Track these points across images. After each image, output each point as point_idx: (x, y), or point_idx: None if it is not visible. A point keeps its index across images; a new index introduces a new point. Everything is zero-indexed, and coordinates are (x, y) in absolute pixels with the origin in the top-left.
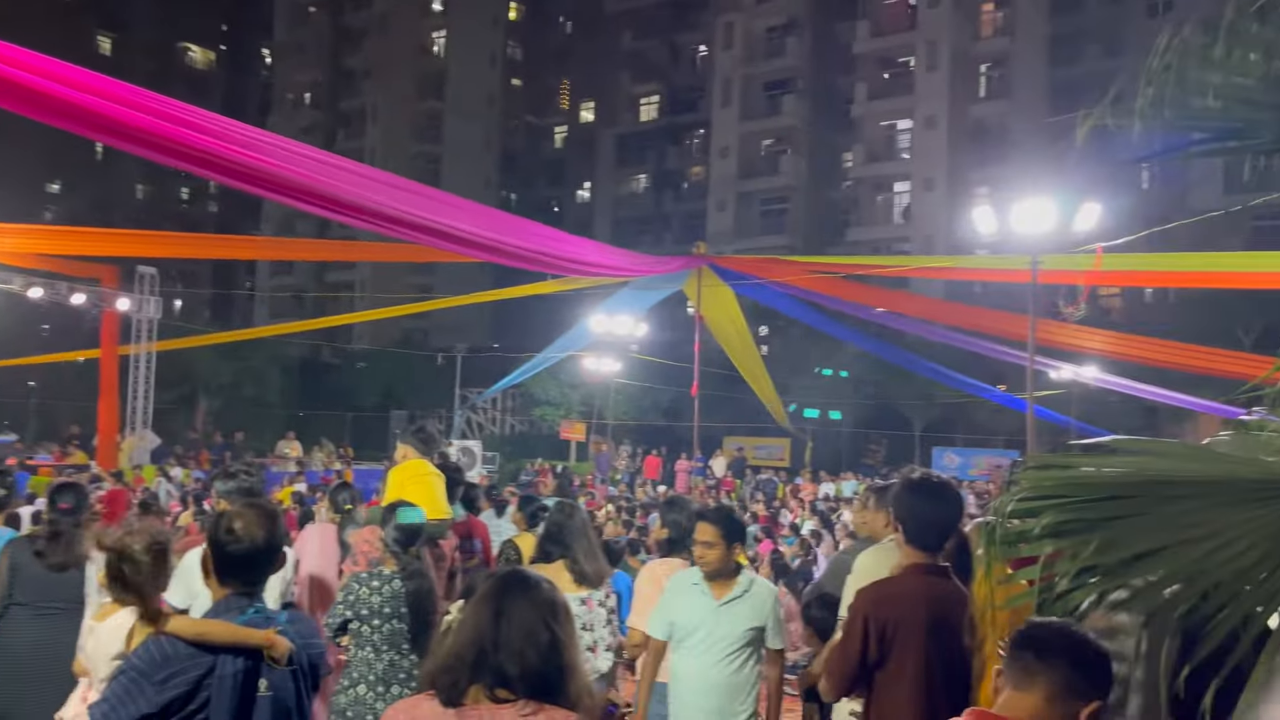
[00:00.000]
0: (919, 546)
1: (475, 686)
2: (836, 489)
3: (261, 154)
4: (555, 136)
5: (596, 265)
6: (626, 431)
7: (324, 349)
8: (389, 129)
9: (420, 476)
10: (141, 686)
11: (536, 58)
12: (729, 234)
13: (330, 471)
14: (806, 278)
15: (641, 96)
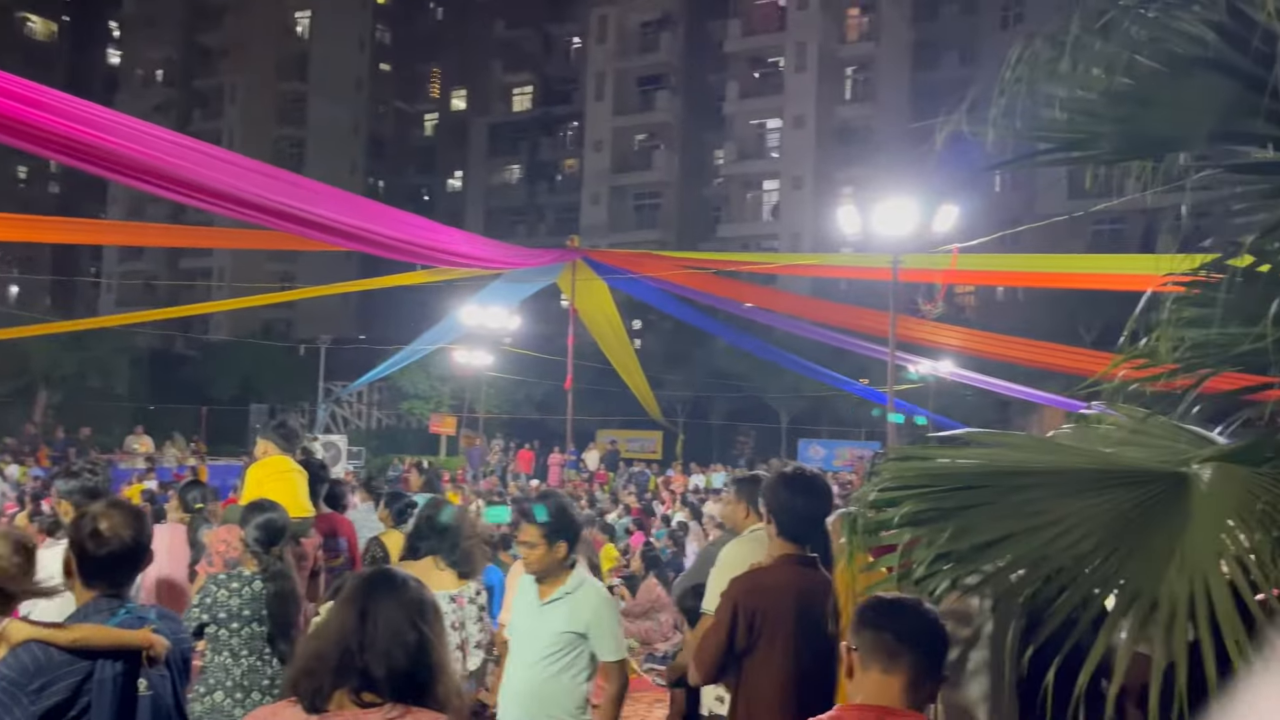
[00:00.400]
0: (790, 538)
1: (339, 691)
2: (706, 480)
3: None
4: (426, 124)
5: (468, 257)
6: (499, 425)
7: (178, 339)
8: (249, 111)
9: (281, 473)
10: (15, 697)
11: (406, 43)
12: (603, 227)
13: (183, 468)
14: (679, 273)
15: (515, 86)
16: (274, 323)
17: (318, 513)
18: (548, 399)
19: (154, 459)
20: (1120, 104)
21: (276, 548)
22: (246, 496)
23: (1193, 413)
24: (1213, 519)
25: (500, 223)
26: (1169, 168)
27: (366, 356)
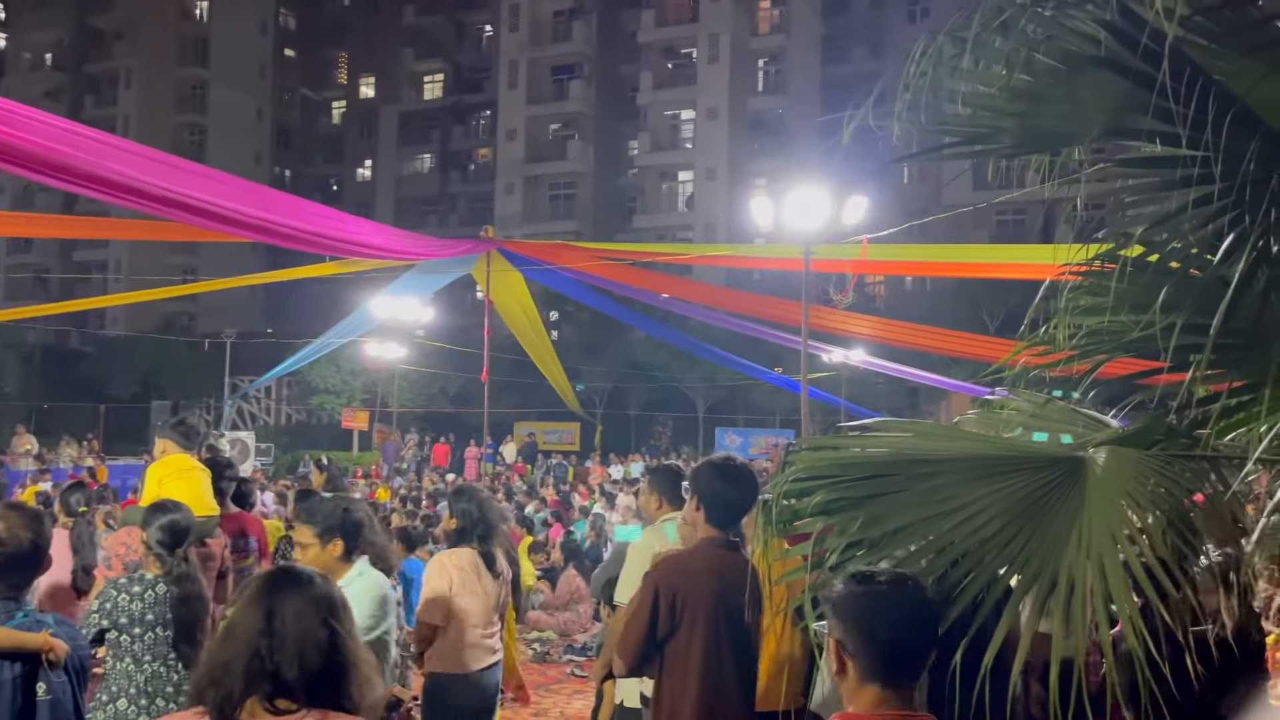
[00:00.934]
0: (715, 525)
1: (251, 699)
2: (625, 471)
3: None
4: (333, 111)
5: (379, 248)
6: (413, 419)
7: (72, 334)
8: (146, 96)
9: (183, 472)
10: None
11: (312, 28)
12: (517, 218)
13: (80, 469)
14: (595, 264)
15: (425, 74)
16: (175, 316)
17: (224, 512)
18: (463, 392)
19: (46, 459)
20: (1019, 100)
21: (181, 549)
22: (147, 497)
23: (1089, 397)
24: (1108, 500)
25: (411, 213)
26: (1066, 161)
27: (274, 350)
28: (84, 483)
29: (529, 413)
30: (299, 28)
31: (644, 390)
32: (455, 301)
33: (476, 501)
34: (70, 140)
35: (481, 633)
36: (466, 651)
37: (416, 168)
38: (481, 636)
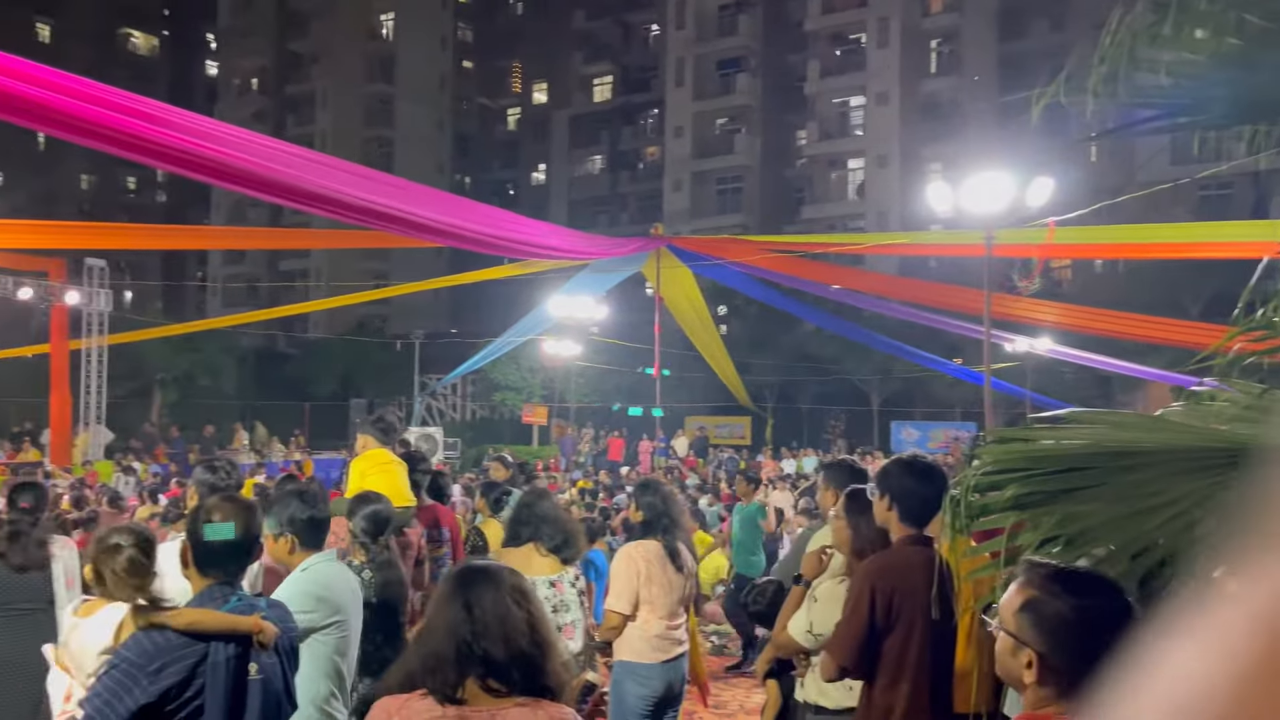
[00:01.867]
0: (910, 523)
1: (468, 680)
2: (797, 465)
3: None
4: (508, 118)
5: (554, 248)
6: (589, 414)
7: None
8: (339, 114)
9: (382, 465)
10: (135, 678)
11: (487, 39)
12: (685, 214)
13: (289, 463)
14: (763, 257)
15: (594, 77)
16: (369, 319)
17: (420, 504)
18: (635, 387)
19: (262, 454)
20: (1228, 66)
21: (382, 538)
22: (351, 489)
23: None
24: None
25: (583, 213)
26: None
27: (459, 350)
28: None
29: (700, 407)
30: (475, 39)
31: (815, 384)
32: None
33: (661, 495)
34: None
35: (667, 624)
36: (653, 642)
37: (588, 169)
38: (667, 628)
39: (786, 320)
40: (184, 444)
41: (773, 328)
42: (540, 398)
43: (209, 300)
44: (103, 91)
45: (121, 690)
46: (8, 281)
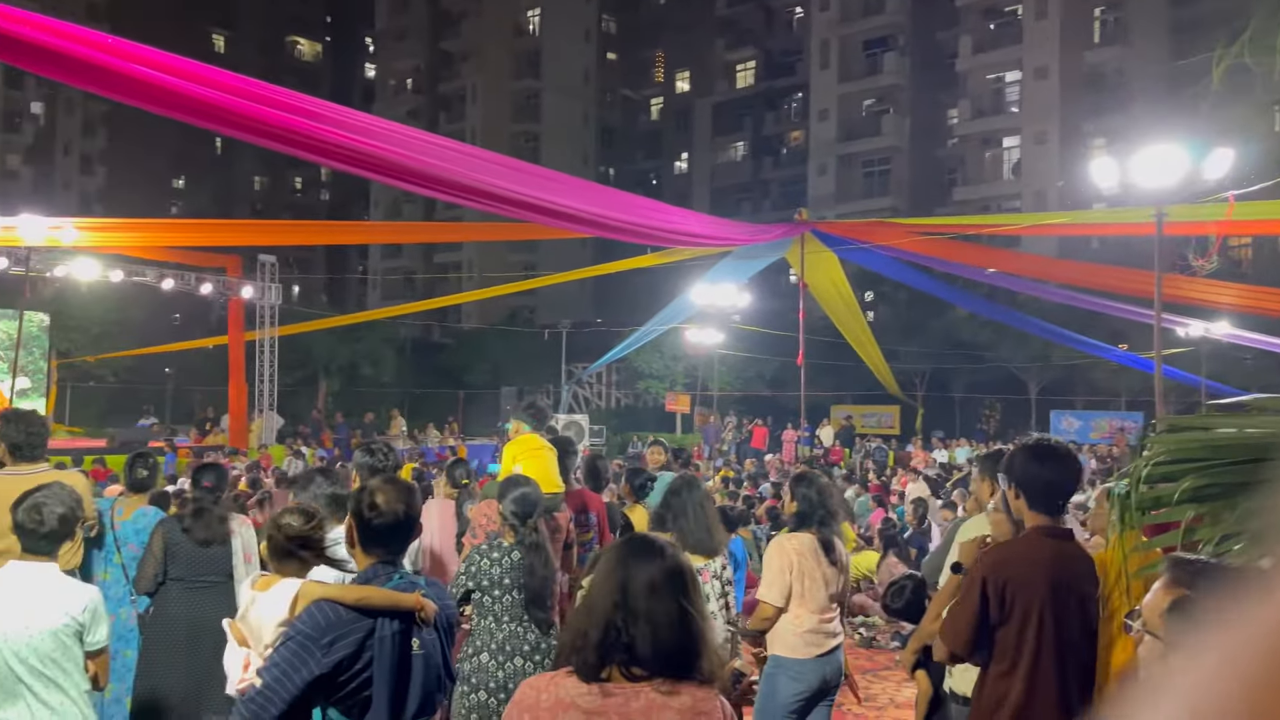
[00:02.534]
0: (1041, 510)
1: (609, 665)
2: (950, 455)
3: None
4: (651, 108)
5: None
6: (732, 402)
7: (434, 328)
8: (488, 110)
9: (533, 450)
10: (310, 650)
11: (630, 30)
12: (830, 198)
13: (444, 448)
14: (913, 240)
15: (737, 63)
16: (519, 310)
17: (569, 488)
18: (779, 375)
19: (418, 439)
20: None
21: (531, 520)
22: (503, 473)
23: None
24: None
25: (726, 201)
26: None
27: (604, 339)
28: (464, 459)
29: (846, 395)
30: (619, 31)
31: (968, 371)
32: (770, 285)
33: (816, 487)
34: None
35: (820, 618)
36: (806, 637)
37: (730, 156)
38: (820, 622)
39: (937, 305)
40: (347, 429)
41: (922, 313)
42: (683, 386)
43: (369, 293)
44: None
45: (297, 661)
46: (190, 277)
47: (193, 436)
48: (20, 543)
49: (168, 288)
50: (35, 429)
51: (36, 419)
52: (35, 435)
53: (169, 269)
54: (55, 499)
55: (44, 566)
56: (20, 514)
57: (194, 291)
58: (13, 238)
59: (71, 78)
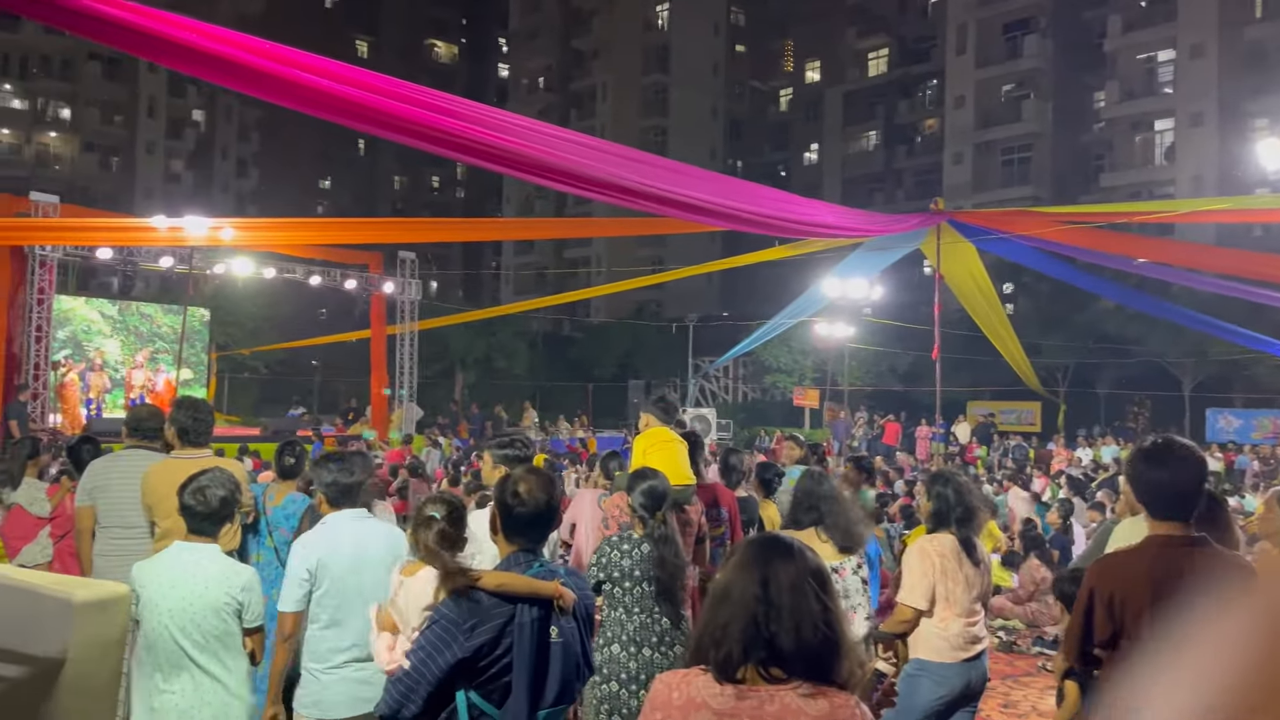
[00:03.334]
0: (1159, 516)
1: (747, 664)
2: (1095, 454)
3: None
4: (780, 100)
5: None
6: (862, 397)
7: (564, 322)
8: (618, 106)
9: (663, 443)
10: (453, 634)
11: (759, 21)
12: (967, 187)
13: (574, 440)
14: (1057, 229)
15: (869, 51)
16: (646, 304)
17: (700, 482)
18: (913, 369)
19: (549, 431)
20: None
21: (660, 513)
22: (633, 466)
23: None
24: None
25: (857, 192)
26: None
27: (731, 332)
28: (618, 453)
29: (983, 391)
30: (747, 23)
31: (1115, 366)
32: (903, 278)
33: (954, 486)
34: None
35: (965, 621)
36: (952, 640)
37: (861, 146)
38: (965, 625)
39: (1081, 297)
40: (482, 420)
41: (1066, 305)
42: (812, 380)
43: (502, 288)
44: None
45: (441, 645)
46: (336, 274)
47: (337, 426)
48: (185, 524)
49: (315, 284)
50: (202, 416)
51: (204, 407)
52: (201, 422)
53: (316, 266)
54: (217, 482)
55: (207, 547)
56: (186, 496)
57: (339, 287)
58: (179, 237)
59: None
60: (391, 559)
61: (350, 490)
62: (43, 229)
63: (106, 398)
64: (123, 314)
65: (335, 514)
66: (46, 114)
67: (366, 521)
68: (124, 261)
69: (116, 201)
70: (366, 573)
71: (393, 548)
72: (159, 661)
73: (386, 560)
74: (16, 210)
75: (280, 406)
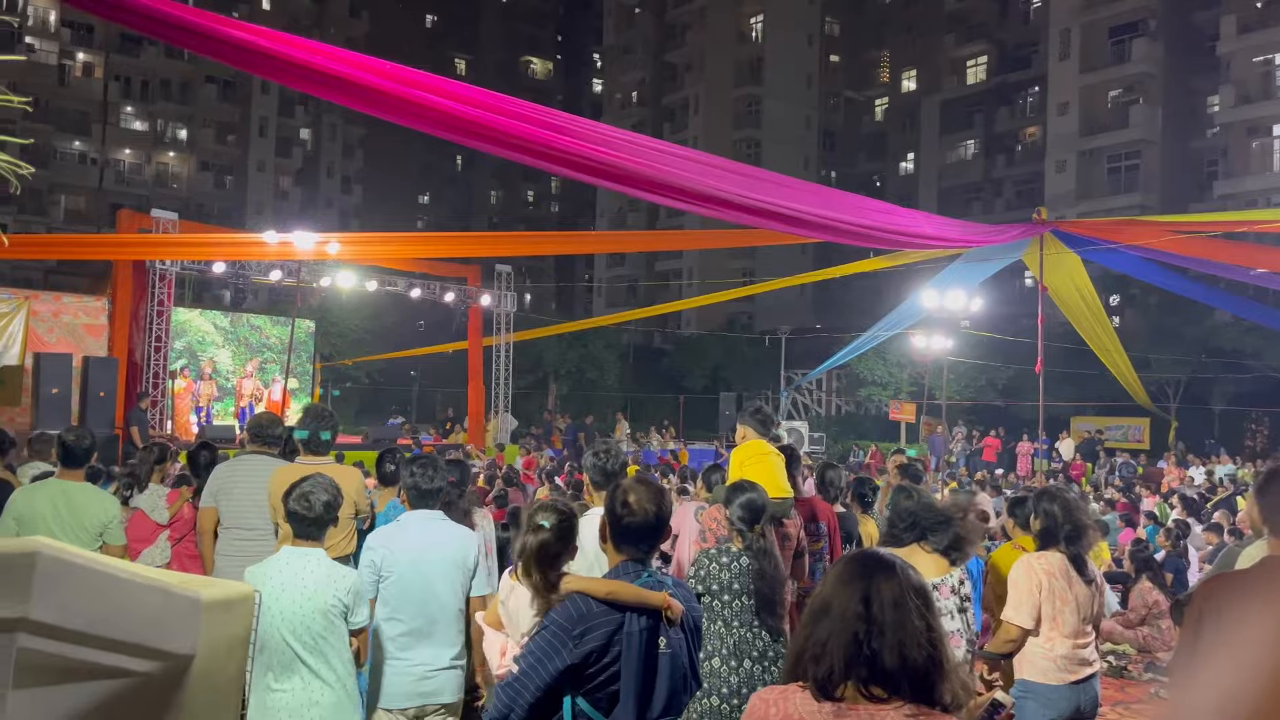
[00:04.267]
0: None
1: (847, 682)
2: (1208, 473)
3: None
4: (875, 109)
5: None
6: (961, 411)
7: (655, 334)
8: (710, 118)
9: (760, 456)
10: (563, 640)
11: (855, 31)
12: (1070, 196)
13: (665, 451)
14: (1168, 239)
15: (967, 58)
16: (737, 316)
17: (798, 496)
18: (1013, 384)
19: (640, 442)
20: None
21: (758, 526)
22: (731, 478)
23: None
24: None
25: (954, 202)
26: None
27: (823, 345)
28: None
29: (1088, 406)
30: (842, 33)
31: (1230, 381)
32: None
33: (1060, 502)
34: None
35: (1074, 643)
36: (1059, 662)
37: (959, 155)
38: (1074, 647)
39: (1194, 310)
40: (574, 431)
41: (1177, 318)
42: (908, 394)
43: (594, 300)
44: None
45: (551, 651)
46: (435, 287)
47: (434, 435)
48: (292, 529)
49: (415, 296)
50: (325, 425)
51: (328, 416)
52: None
53: (416, 279)
54: (319, 488)
55: (314, 551)
56: (291, 502)
57: (438, 299)
58: (288, 251)
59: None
60: (459, 560)
61: (428, 495)
62: (164, 245)
63: (216, 405)
64: (234, 325)
65: (410, 513)
66: (165, 135)
67: (438, 523)
68: (236, 275)
69: (229, 217)
70: (430, 571)
71: (461, 550)
72: (270, 662)
73: (453, 561)
74: (139, 227)
75: (380, 416)
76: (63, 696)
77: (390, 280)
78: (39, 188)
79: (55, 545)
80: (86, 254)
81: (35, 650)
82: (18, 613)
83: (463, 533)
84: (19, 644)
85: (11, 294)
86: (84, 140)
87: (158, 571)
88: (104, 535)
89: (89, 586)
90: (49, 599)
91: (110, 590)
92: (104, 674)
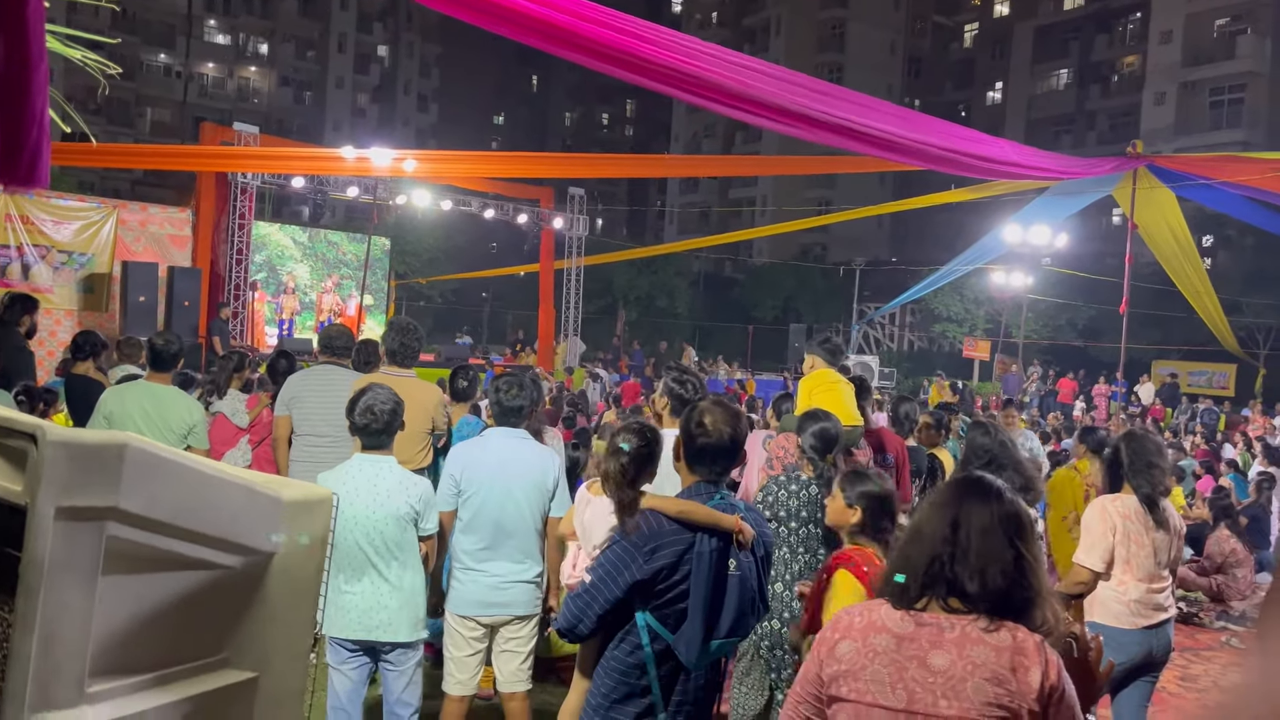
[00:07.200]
0: None
1: (927, 597)
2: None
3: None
4: (965, 35)
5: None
6: (1037, 351)
7: (726, 263)
8: (791, 41)
9: (829, 385)
10: (633, 555)
11: None
12: (1168, 131)
13: (732, 381)
14: (1273, 177)
15: None
16: (811, 246)
17: (867, 426)
18: (1093, 324)
19: (708, 371)
20: None
21: (830, 455)
22: (800, 407)
23: None
24: None
25: (1043, 134)
26: None
27: (899, 278)
28: (790, 394)
29: (1170, 350)
30: None
31: None
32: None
33: (1135, 445)
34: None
35: (1150, 587)
36: (1131, 606)
37: (1051, 85)
38: (1149, 591)
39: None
40: (642, 357)
41: (1274, 261)
42: (984, 331)
43: (666, 227)
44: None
45: (621, 565)
46: (509, 208)
47: (505, 356)
48: (360, 440)
49: (489, 217)
50: (410, 340)
51: (413, 331)
52: (408, 346)
53: (490, 199)
54: (380, 399)
55: (385, 459)
56: (356, 415)
57: (511, 221)
58: (365, 168)
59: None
60: (539, 480)
61: (510, 411)
62: (246, 157)
63: (297, 319)
64: (312, 241)
65: (493, 429)
66: (247, 49)
67: (521, 440)
68: (315, 190)
69: (308, 134)
70: (511, 487)
71: (542, 470)
72: (341, 564)
73: (533, 480)
74: (221, 140)
75: (450, 334)
76: (149, 585)
77: (464, 200)
78: (126, 99)
79: (143, 439)
80: (171, 164)
81: (123, 539)
82: (108, 501)
83: (545, 452)
84: (108, 532)
85: (101, 203)
86: (169, 53)
87: (242, 470)
88: (189, 438)
89: (176, 480)
90: (137, 490)
91: (196, 485)
92: (188, 565)
